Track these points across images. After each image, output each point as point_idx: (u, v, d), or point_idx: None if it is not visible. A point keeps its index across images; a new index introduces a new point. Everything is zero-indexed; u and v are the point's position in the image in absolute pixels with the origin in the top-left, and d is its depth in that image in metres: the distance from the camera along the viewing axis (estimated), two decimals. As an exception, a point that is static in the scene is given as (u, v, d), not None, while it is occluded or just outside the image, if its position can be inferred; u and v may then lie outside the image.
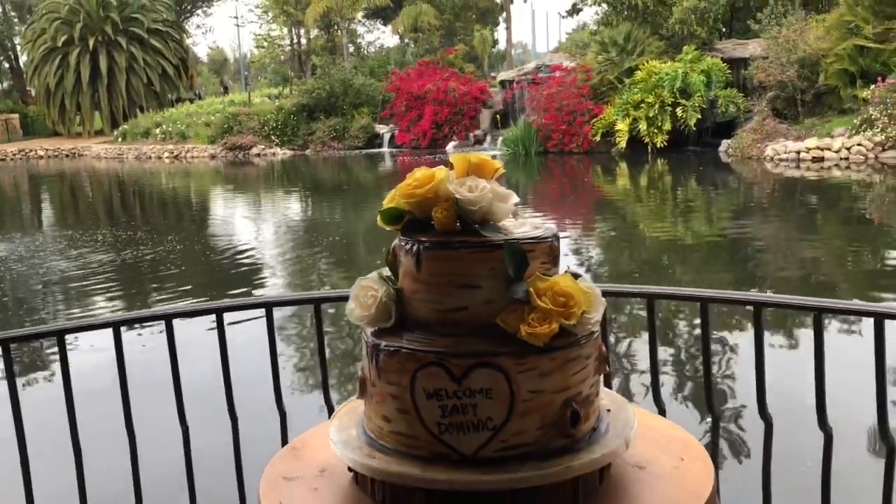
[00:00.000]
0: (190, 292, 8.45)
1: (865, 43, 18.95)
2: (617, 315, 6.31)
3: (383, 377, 1.16)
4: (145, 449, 2.39)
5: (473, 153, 1.25)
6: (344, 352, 5.80)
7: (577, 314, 1.11)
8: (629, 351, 5.37)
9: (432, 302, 1.17)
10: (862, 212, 13.11)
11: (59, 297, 8.72)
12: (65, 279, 9.36)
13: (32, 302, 8.58)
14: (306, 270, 9.93)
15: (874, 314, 1.56)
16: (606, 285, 1.80)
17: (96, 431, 2.61)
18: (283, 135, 31.54)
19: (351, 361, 5.52)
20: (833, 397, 1.99)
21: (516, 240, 1.16)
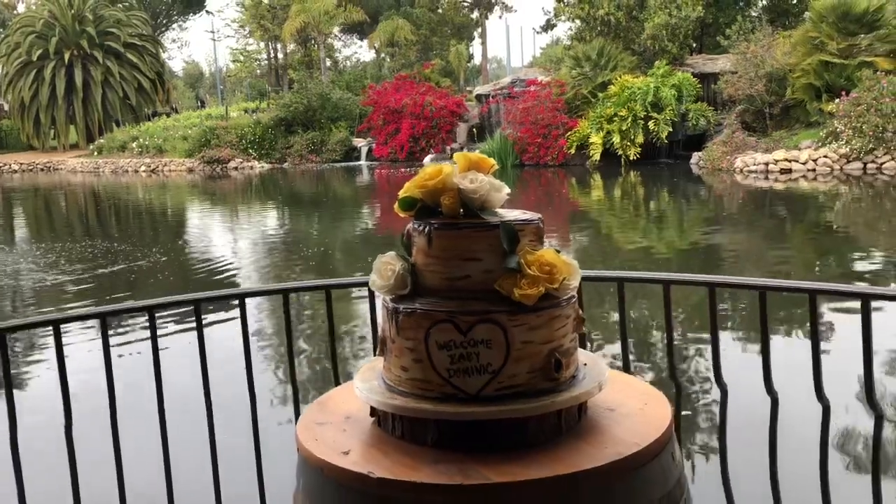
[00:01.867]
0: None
1: (830, 58, 19.58)
2: (600, 303, 6.60)
3: (402, 334, 1.42)
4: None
5: (473, 153, 1.52)
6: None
7: (559, 280, 1.38)
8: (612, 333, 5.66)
9: (441, 272, 1.43)
10: (828, 222, 13.57)
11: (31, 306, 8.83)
12: (37, 291, 9.47)
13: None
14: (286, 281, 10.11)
15: (861, 294, 1.82)
16: (584, 271, 2.07)
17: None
18: (260, 148, 31.67)
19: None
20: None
21: (510, 221, 1.43)
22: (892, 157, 17.26)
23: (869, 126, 17.26)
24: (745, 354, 5.43)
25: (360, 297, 6.58)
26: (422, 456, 1.36)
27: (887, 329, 5.54)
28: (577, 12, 25.93)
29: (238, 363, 2.38)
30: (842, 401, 2.48)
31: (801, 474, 2.26)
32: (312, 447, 1.42)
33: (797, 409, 2.36)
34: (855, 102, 17.83)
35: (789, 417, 2.15)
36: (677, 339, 5.75)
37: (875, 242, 11.39)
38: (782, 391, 2.16)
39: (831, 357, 5.29)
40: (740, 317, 6.72)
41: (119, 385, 2.77)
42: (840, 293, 1.89)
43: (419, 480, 1.28)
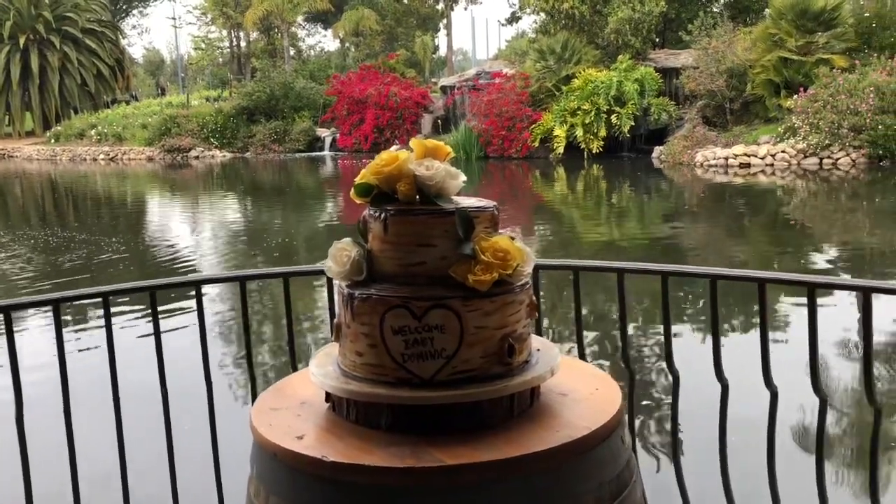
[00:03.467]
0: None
1: (789, 55, 19.95)
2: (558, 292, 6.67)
3: (357, 319, 1.43)
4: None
5: (429, 139, 1.53)
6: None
7: (512, 266, 1.40)
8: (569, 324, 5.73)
9: (397, 259, 1.44)
10: (785, 215, 13.87)
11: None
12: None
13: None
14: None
15: (861, 288, 1.86)
16: (540, 260, 2.10)
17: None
18: (222, 137, 31.34)
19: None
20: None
21: (465, 208, 1.44)
22: (846, 153, 17.67)
23: (825, 122, 17.64)
24: (704, 343, 5.55)
25: (322, 284, 6.57)
26: (376, 439, 1.37)
27: (849, 317, 5.70)
28: (542, 5, 26.02)
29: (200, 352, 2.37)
30: (795, 388, 2.55)
31: (749, 458, 2.33)
32: (266, 432, 1.42)
33: (749, 397, 2.42)
34: (812, 99, 18.20)
35: (739, 404, 2.21)
36: (637, 328, 5.85)
37: (829, 235, 11.68)
38: (735, 378, 2.21)
39: (789, 346, 5.43)
40: (704, 305, 6.84)
41: (79, 372, 2.75)
42: (788, 282, 1.94)
43: (372, 463, 1.29)
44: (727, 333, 5.74)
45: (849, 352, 5.18)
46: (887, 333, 5.67)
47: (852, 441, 3.69)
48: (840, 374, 4.75)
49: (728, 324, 6.05)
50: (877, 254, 10.08)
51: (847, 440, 3.70)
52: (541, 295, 2.49)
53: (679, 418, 2.26)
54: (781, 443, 2.39)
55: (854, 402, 4.15)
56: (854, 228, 12.15)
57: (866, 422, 3.61)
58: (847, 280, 1.87)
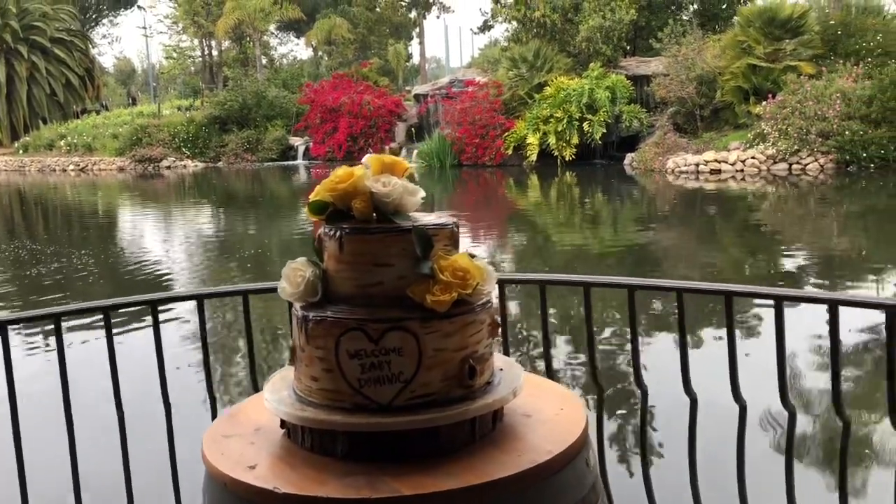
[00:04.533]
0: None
1: (757, 62, 20.20)
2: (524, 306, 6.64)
3: (312, 343, 1.37)
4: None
5: (387, 155, 1.49)
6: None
7: (472, 286, 1.36)
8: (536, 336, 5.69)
9: (353, 279, 1.39)
10: (756, 220, 13.99)
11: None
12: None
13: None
14: (217, 285, 9.89)
15: (828, 301, 1.83)
16: (504, 274, 2.05)
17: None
18: (194, 147, 31.12)
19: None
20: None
21: (423, 226, 1.40)
22: (815, 158, 17.90)
23: (794, 128, 17.87)
24: (675, 356, 5.53)
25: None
26: (331, 469, 1.31)
27: (821, 325, 5.70)
28: (514, 14, 26.14)
29: (170, 372, 2.29)
30: (763, 399, 2.53)
31: (720, 470, 2.30)
32: (217, 461, 1.36)
33: (719, 409, 2.40)
34: (781, 105, 18.43)
35: (709, 417, 2.18)
36: (610, 342, 5.82)
37: (799, 240, 11.79)
38: (713, 391, 2.19)
39: (769, 354, 5.43)
40: (674, 319, 6.82)
41: (33, 392, 2.66)
42: (755, 295, 1.91)
43: (325, 495, 1.24)
44: (707, 344, 5.73)
45: (822, 361, 5.21)
46: (858, 340, 5.70)
47: (822, 452, 3.69)
48: (814, 383, 4.76)
49: (715, 334, 6.04)
50: (845, 258, 10.19)
51: (818, 451, 3.70)
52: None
53: (655, 432, 2.22)
54: (754, 454, 2.37)
55: (827, 413, 4.16)
56: (823, 233, 12.28)
57: (837, 432, 3.62)
58: (815, 293, 1.84)
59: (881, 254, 10.23)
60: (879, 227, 12.58)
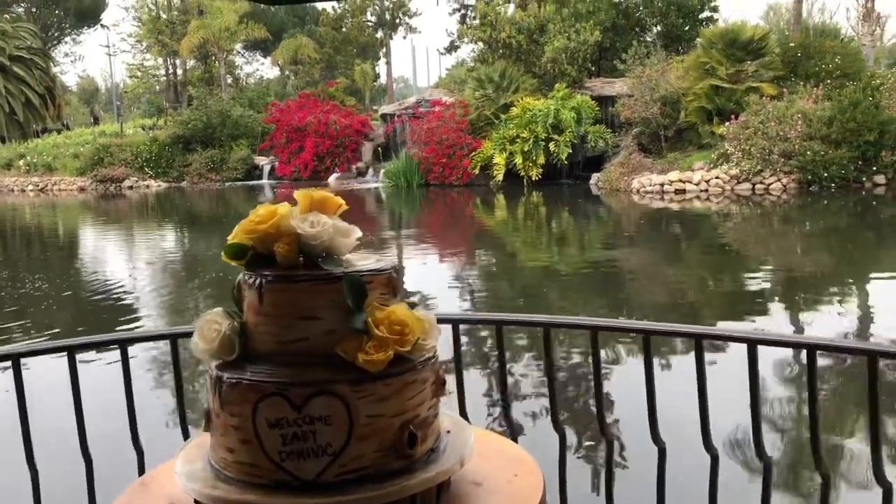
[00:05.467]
0: (56, 336, 7.99)
1: (720, 83, 20.43)
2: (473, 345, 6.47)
3: (226, 409, 1.19)
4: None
5: (316, 190, 1.31)
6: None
7: (411, 341, 1.19)
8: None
9: (274, 334, 1.21)
10: (720, 240, 14.04)
11: None
12: None
13: None
14: (181, 310, 9.60)
15: (747, 340, 1.69)
16: (461, 314, 1.89)
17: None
18: (157, 167, 30.71)
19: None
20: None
21: (355, 272, 1.22)
22: (778, 178, 18.09)
23: (756, 148, 18.05)
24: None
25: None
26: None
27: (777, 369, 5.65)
28: (480, 34, 26.22)
29: (97, 421, 2.07)
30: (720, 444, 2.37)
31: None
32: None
33: (692, 458, 2.24)
34: (743, 126, 18.63)
35: (679, 466, 2.03)
36: (578, 382, 5.65)
37: (762, 260, 11.83)
38: (680, 438, 2.04)
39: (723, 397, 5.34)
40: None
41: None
42: (727, 338, 1.76)
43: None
44: (678, 378, 5.61)
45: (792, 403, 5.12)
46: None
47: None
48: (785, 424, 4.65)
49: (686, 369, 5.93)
50: (808, 277, 10.22)
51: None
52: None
53: (626, 486, 2.06)
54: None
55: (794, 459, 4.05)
56: (787, 253, 12.34)
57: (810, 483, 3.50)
58: (733, 331, 1.71)
59: (842, 273, 10.28)
60: (842, 246, 12.68)
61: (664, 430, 1.88)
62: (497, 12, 26.21)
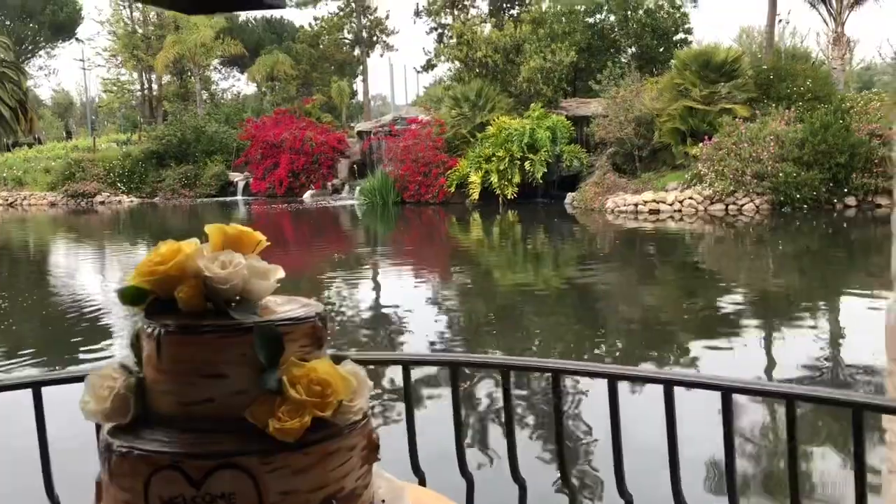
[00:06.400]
0: (32, 357, 7.70)
1: (694, 104, 20.55)
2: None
3: (116, 482, 1.02)
4: None
5: (232, 224, 1.15)
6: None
7: (333, 404, 1.02)
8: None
9: (175, 394, 1.04)
10: (693, 260, 14.02)
11: None
12: None
13: None
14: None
15: (719, 387, 1.55)
16: (413, 354, 1.72)
17: None
18: (130, 182, 30.39)
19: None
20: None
21: (270, 322, 1.06)
22: (751, 199, 18.16)
23: (730, 169, 18.12)
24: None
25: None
26: None
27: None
28: (457, 54, 26.25)
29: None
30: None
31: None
32: None
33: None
34: (717, 147, 18.71)
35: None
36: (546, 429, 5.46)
37: (735, 280, 11.79)
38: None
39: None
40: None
41: None
42: (700, 385, 1.62)
43: None
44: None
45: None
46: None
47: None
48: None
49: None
50: (781, 297, 10.19)
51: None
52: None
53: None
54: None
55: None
56: (758, 273, 12.33)
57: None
58: (706, 378, 1.57)
59: (812, 295, 10.26)
60: (813, 267, 12.70)
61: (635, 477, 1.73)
62: (473, 32, 26.27)
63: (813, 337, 7.89)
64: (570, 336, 8.26)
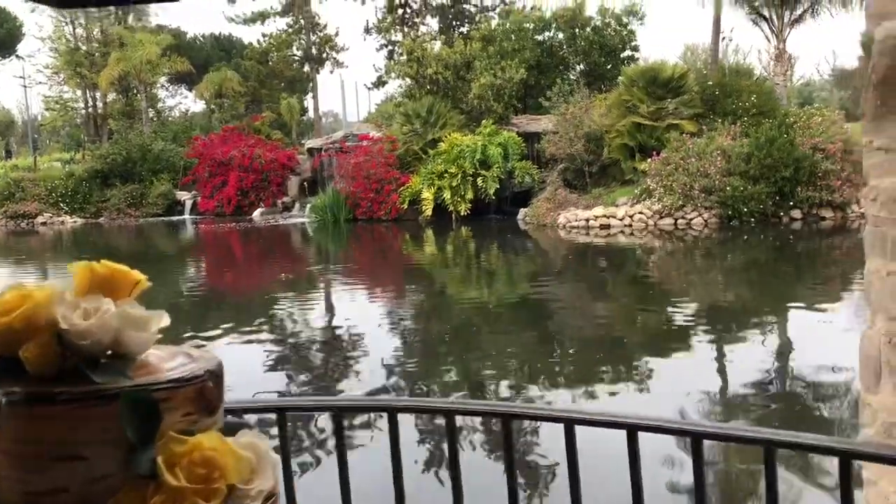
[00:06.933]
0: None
1: (642, 120, 20.76)
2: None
3: None
4: None
5: (103, 262, 0.94)
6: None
7: (221, 491, 0.82)
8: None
9: (20, 481, 0.82)
10: (643, 274, 14.07)
11: None
12: None
13: None
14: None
15: (626, 427, 1.39)
16: (347, 399, 1.52)
17: None
18: (73, 202, 29.61)
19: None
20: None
21: (141, 387, 0.84)
22: (699, 213, 18.36)
23: (678, 184, 18.31)
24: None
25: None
26: None
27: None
28: (407, 70, 26.17)
29: None
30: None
31: None
32: None
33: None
34: (665, 162, 18.91)
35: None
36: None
37: (683, 293, 11.84)
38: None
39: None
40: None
41: None
42: (667, 431, 1.45)
43: None
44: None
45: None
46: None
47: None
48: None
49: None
50: (727, 310, 10.23)
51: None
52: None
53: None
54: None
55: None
56: (707, 286, 12.40)
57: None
58: (674, 423, 1.44)
59: (758, 307, 10.32)
60: (760, 280, 12.82)
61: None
62: (424, 49, 26.22)
63: (757, 349, 7.90)
64: (525, 353, 8.12)
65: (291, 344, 8.88)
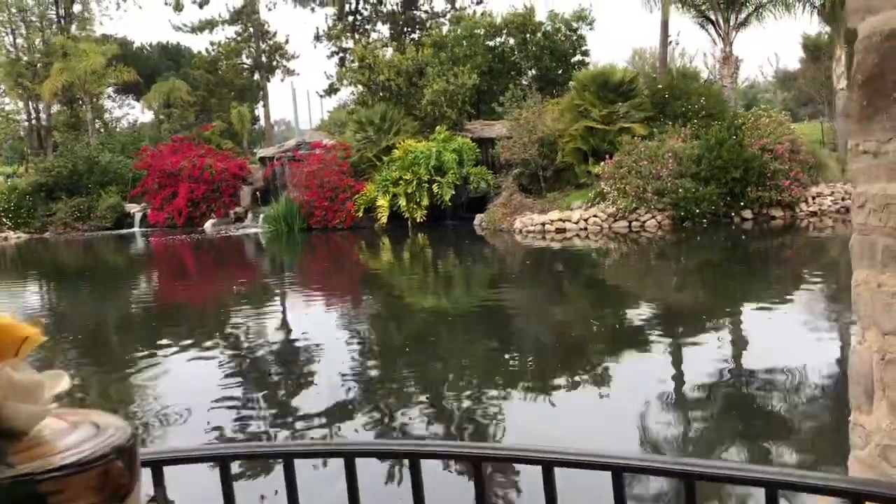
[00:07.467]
0: None
1: (594, 124, 20.93)
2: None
3: None
4: None
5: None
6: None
7: None
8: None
9: None
10: (599, 277, 14.15)
11: None
12: None
13: None
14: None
15: (611, 468, 1.30)
16: (299, 445, 1.41)
17: None
18: (16, 217, 28.79)
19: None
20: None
21: (22, 477, 0.73)
22: (652, 215, 18.56)
23: (631, 187, 18.48)
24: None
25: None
26: None
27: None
28: (359, 77, 26.01)
29: None
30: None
31: None
32: None
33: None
34: (617, 165, 19.07)
35: None
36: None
37: (639, 294, 11.93)
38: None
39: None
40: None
41: None
42: (648, 471, 1.38)
43: None
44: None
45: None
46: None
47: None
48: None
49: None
50: (686, 310, 10.33)
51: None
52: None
53: None
54: None
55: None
56: (661, 288, 12.52)
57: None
58: (666, 464, 1.37)
59: (712, 306, 10.44)
60: (714, 280, 12.99)
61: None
62: (375, 55, 26.09)
63: (711, 348, 7.97)
64: (485, 360, 8.06)
65: (246, 357, 8.68)
